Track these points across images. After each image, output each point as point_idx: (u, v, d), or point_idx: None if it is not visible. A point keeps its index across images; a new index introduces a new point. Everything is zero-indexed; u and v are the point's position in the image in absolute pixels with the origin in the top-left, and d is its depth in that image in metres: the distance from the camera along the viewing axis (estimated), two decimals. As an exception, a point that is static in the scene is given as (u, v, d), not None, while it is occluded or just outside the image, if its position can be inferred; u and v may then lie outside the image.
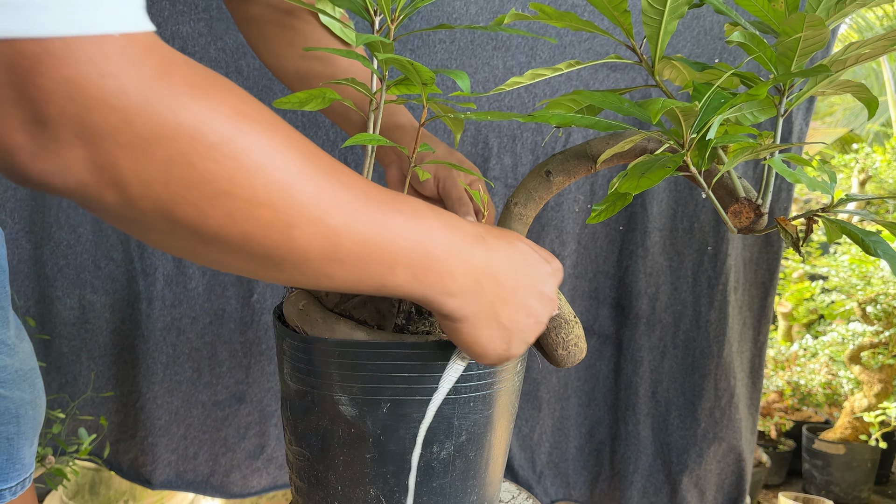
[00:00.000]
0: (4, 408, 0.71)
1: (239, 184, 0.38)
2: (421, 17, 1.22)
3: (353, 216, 0.43)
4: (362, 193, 0.44)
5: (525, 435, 1.43)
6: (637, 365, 1.41)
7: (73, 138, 0.35)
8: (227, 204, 0.38)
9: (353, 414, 0.58)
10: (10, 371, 0.72)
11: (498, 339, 0.53)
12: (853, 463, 2.38)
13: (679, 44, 1.27)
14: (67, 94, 0.34)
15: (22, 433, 0.73)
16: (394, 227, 0.46)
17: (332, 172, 0.43)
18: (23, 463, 0.74)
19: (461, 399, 0.59)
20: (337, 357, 0.58)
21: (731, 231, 0.61)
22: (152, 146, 0.36)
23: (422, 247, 0.47)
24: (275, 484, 1.41)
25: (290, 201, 0.40)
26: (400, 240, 0.46)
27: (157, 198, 0.37)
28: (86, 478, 1.42)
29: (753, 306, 1.44)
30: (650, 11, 0.56)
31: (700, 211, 1.36)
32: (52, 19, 0.33)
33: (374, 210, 0.45)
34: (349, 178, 0.44)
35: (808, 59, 0.54)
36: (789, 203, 1.37)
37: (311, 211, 0.41)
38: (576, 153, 0.68)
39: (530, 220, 0.72)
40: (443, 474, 0.60)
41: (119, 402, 1.34)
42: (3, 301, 0.73)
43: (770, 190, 0.60)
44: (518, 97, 1.27)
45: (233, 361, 1.33)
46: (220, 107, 0.38)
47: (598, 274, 1.39)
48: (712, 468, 1.45)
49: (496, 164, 1.29)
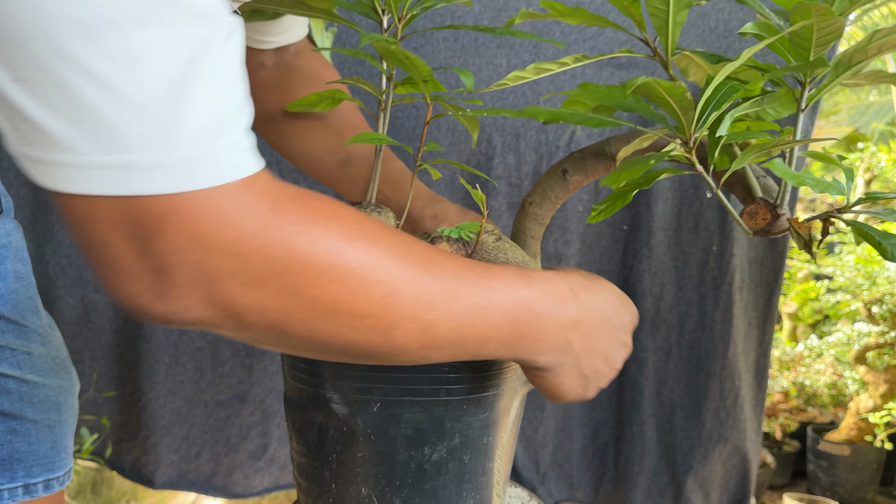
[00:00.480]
0: (44, 395, 0.72)
1: (344, 302, 0.42)
2: (426, 15, 1.21)
3: (448, 306, 0.46)
4: (456, 279, 0.47)
5: (529, 436, 1.42)
6: (642, 365, 1.40)
7: (193, 282, 0.38)
8: (333, 320, 0.42)
9: (345, 413, 0.58)
10: (45, 359, 0.74)
11: (577, 385, 0.56)
12: (858, 464, 2.36)
13: (684, 42, 1.27)
14: (190, 246, 0.36)
15: (63, 421, 0.74)
16: (486, 305, 0.48)
17: (427, 268, 0.45)
18: (67, 452, 0.75)
19: (454, 401, 0.58)
20: None
21: (746, 233, 0.59)
22: (267, 282, 0.39)
23: (513, 319, 0.49)
24: (277, 484, 1.41)
25: (390, 308, 0.43)
26: (491, 316, 0.48)
27: (271, 322, 0.41)
28: (88, 478, 1.42)
29: (759, 306, 1.43)
30: (655, 1, 0.54)
31: (705, 210, 1.35)
32: (178, 177, 0.36)
33: (468, 294, 0.47)
34: (443, 267, 0.47)
35: (826, 49, 0.53)
36: (794, 203, 1.37)
37: (409, 312, 0.44)
38: (593, 152, 0.67)
39: (546, 219, 0.71)
40: (435, 476, 0.60)
41: (121, 402, 1.34)
42: (30, 291, 0.74)
43: (788, 190, 0.58)
44: (522, 95, 1.26)
45: (235, 361, 1.33)
46: (326, 235, 0.41)
47: (602, 273, 1.39)
48: (717, 469, 1.44)
49: (500, 163, 1.28)
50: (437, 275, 0.46)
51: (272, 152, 1.24)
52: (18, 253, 0.75)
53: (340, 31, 1.21)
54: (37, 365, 0.72)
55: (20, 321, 0.72)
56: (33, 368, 0.72)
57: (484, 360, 0.58)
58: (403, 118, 1.25)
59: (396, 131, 1.25)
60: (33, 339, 0.73)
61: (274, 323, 0.41)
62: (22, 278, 0.74)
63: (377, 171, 0.71)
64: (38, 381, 0.72)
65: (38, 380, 0.72)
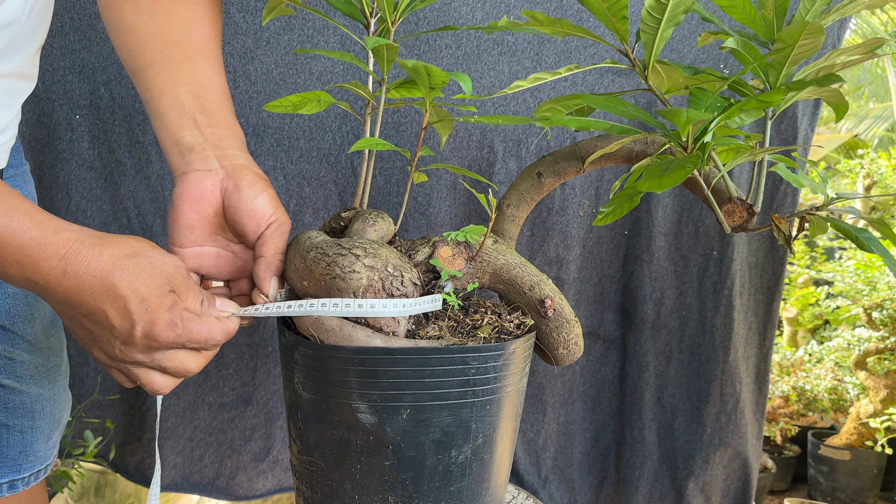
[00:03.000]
0: (20, 402, 0.72)
1: None
2: (428, 22, 1.22)
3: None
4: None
5: (530, 439, 1.43)
6: (642, 370, 1.41)
7: None
8: None
9: (372, 421, 0.58)
10: (28, 366, 0.73)
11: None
12: (859, 469, 2.37)
13: (684, 49, 1.28)
14: None
15: (37, 427, 0.74)
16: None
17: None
18: (37, 456, 0.75)
19: (479, 402, 0.59)
20: (355, 365, 0.58)
21: (725, 230, 0.62)
22: None
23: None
24: (280, 486, 1.42)
25: None
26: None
27: None
28: (91, 480, 1.43)
29: (759, 311, 1.44)
30: (648, 20, 0.57)
31: (705, 215, 1.36)
32: None
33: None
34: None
35: (797, 65, 0.55)
36: (795, 206, 1.37)
37: None
38: (565, 154, 0.69)
39: (522, 220, 0.73)
40: (460, 478, 0.60)
41: (125, 405, 1.35)
42: (30, 297, 0.74)
43: (761, 190, 0.62)
44: (523, 101, 1.27)
45: (239, 363, 1.34)
46: None
47: (603, 278, 1.39)
48: (718, 474, 1.45)
49: (501, 169, 1.29)
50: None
51: (277, 156, 1.25)
52: None
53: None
54: (17, 371, 0.72)
55: (9, 327, 0.72)
56: (13, 374, 0.72)
57: (502, 354, 0.59)
58: (406, 123, 1.26)
59: (400, 136, 1.26)
60: (19, 345, 0.73)
61: None
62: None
63: (367, 176, 0.71)
64: (16, 387, 0.72)
65: (15, 386, 0.72)
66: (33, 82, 0.71)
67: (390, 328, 0.60)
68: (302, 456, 0.64)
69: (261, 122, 1.24)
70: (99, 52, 1.19)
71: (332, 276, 0.60)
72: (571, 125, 0.59)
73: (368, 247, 0.61)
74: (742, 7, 0.58)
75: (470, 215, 1.31)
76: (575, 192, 1.33)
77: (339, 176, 1.28)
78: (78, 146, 1.23)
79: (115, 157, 1.24)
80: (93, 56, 1.19)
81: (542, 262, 1.35)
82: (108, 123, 1.23)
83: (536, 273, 0.67)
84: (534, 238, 1.34)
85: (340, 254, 0.60)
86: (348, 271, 0.59)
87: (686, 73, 0.62)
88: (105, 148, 1.24)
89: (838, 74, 0.55)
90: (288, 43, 1.21)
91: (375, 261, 0.60)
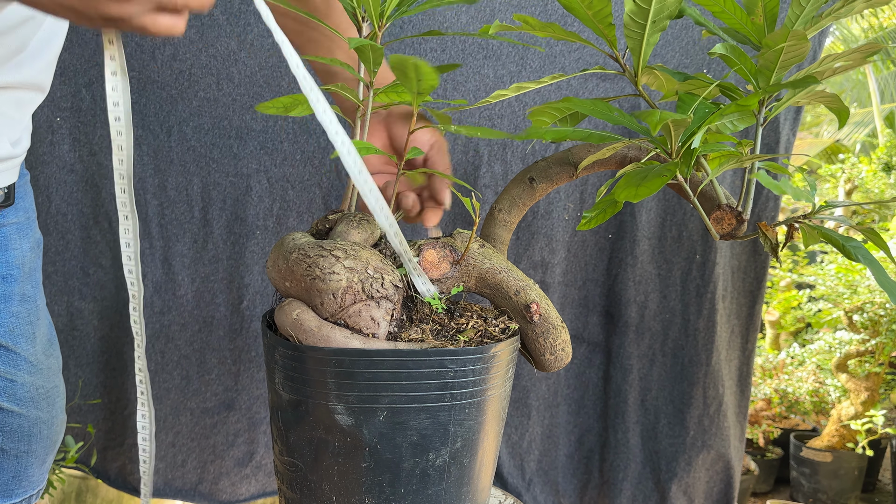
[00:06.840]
0: (18, 425, 0.71)
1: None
2: (413, 26, 1.22)
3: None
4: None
5: (515, 442, 1.43)
6: (626, 373, 1.41)
7: None
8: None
9: (349, 423, 0.58)
10: (28, 388, 0.72)
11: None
12: (840, 471, 2.39)
13: (668, 54, 1.29)
14: None
15: (33, 451, 0.73)
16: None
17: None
18: (30, 481, 0.74)
19: (457, 405, 0.59)
20: (333, 366, 0.57)
21: (713, 237, 0.62)
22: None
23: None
24: (263, 491, 1.41)
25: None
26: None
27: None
28: (72, 486, 1.41)
29: (741, 314, 1.45)
30: (632, 25, 0.57)
31: (688, 220, 1.37)
32: None
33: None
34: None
35: (787, 70, 0.56)
36: (776, 212, 1.39)
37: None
38: (558, 160, 0.69)
39: (514, 225, 0.73)
40: (438, 481, 0.60)
41: (107, 410, 1.33)
42: (32, 316, 0.72)
43: (751, 197, 0.61)
44: (508, 106, 1.28)
45: (222, 368, 1.33)
46: None
47: (587, 282, 1.40)
48: (701, 476, 1.45)
49: (486, 172, 1.29)
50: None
51: (260, 159, 1.24)
52: (31, 275, 0.74)
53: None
54: (18, 394, 0.71)
55: (11, 347, 0.71)
56: (13, 397, 0.71)
57: (481, 358, 0.59)
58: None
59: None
60: (21, 366, 0.71)
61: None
62: (28, 301, 0.73)
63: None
64: (16, 410, 0.71)
65: (15, 409, 0.71)
66: (44, 93, 0.71)
67: (370, 330, 0.60)
68: (283, 457, 0.64)
69: (244, 124, 1.23)
70: (80, 53, 1.18)
71: (312, 276, 0.59)
72: (547, 137, 0.59)
73: (349, 248, 0.61)
74: (733, 12, 0.58)
75: (456, 219, 1.31)
76: (560, 195, 1.33)
77: (323, 179, 1.27)
78: (59, 149, 1.21)
79: (97, 159, 1.23)
80: (74, 58, 1.18)
81: (527, 265, 1.35)
82: (90, 126, 1.21)
83: (523, 278, 0.67)
84: (519, 242, 1.34)
85: (321, 255, 0.60)
86: (328, 272, 0.59)
87: (676, 80, 0.63)
88: (86, 150, 1.22)
89: (815, 76, 0.56)
90: (272, 45, 1.20)
91: (356, 262, 0.60)
